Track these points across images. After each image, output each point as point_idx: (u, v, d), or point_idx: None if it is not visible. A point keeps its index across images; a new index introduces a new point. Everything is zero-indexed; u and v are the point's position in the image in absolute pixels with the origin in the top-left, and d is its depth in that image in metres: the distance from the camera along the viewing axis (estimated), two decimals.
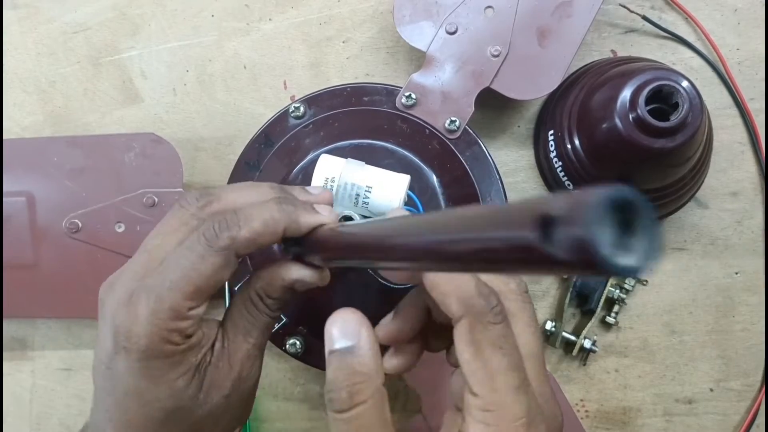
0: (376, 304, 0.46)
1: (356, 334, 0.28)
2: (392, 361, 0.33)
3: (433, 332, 0.33)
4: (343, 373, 0.27)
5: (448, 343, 0.32)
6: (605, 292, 0.50)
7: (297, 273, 0.32)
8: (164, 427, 0.30)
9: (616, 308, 0.51)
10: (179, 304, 0.29)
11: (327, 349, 0.28)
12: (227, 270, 0.29)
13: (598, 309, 0.50)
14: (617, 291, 0.50)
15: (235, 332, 0.32)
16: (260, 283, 0.32)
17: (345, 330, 0.28)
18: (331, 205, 0.33)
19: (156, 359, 0.29)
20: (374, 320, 0.46)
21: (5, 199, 0.49)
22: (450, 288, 0.28)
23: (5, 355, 0.54)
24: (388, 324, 0.33)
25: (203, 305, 0.30)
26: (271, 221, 0.30)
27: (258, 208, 0.30)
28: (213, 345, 0.31)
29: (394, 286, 0.45)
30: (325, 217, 0.31)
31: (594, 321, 0.50)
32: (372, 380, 0.27)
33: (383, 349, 0.32)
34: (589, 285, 0.50)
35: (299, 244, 0.32)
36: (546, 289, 0.52)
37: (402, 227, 0.24)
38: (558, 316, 0.52)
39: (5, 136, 0.53)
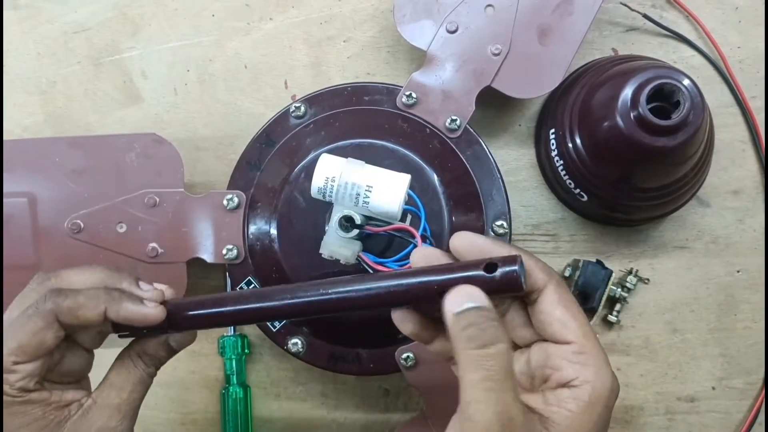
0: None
1: (483, 299, 0.31)
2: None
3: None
4: (483, 317, 0.31)
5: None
6: (607, 290, 0.50)
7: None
8: None
9: (618, 307, 0.51)
10: (4, 358, 0.33)
11: (457, 309, 0.31)
12: (49, 333, 0.33)
13: (600, 307, 0.50)
14: (619, 289, 0.50)
15: (110, 387, 0.36)
16: (138, 343, 0.37)
17: (474, 294, 0.31)
18: (163, 302, 0.36)
19: None
20: (376, 320, 0.47)
21: (7, 200, 0.49)
22: (532, 263, 0.33)
23: None
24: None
25: (32, 363, 0.34)
26: (95, 298, 0.34)
27: (89, 289, 0.35)
28: (82, 403, 0.35)
29: None
30: (147, 310, 0.35)
31: (596, 319, 0.50)
32: (502, 330, 0.31)
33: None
34: (591, 283, 0.50)
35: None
36: None
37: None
38: None
39: (6, 137, 0.53)
